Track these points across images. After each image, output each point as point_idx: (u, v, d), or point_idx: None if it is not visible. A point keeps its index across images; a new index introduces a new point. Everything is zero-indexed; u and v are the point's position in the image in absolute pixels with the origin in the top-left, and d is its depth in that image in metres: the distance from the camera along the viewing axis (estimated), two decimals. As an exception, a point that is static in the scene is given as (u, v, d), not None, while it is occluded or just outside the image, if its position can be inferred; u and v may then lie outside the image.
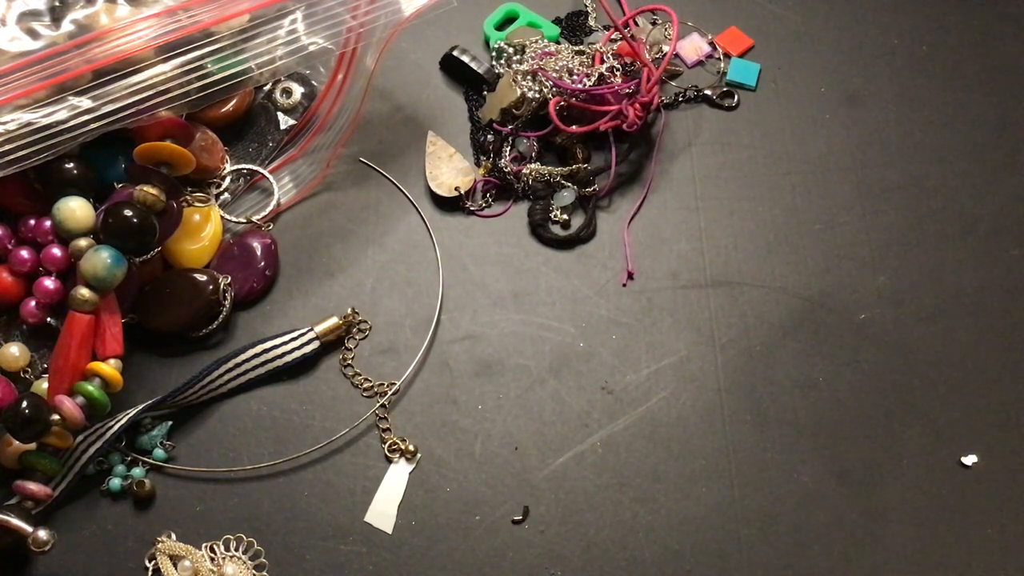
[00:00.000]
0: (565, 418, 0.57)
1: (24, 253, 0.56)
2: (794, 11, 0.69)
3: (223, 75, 0.55)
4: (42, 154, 0.51)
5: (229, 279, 0.58)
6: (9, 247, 0.56)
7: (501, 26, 0.68)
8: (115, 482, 0.54)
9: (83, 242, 0.53)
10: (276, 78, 0.63)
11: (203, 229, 0.59)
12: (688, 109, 0.66)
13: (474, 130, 0.65)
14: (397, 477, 0.55)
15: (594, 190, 0.63)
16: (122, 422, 0.54)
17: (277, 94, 0.64)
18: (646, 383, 0.58)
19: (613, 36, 0.65)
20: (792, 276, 0.61)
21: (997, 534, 0.54)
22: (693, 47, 0.68)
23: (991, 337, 0.59)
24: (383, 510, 0.54)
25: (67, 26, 0.54)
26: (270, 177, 0.62)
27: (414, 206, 0.63)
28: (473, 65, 0.65)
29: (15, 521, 0.50)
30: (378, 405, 0.57)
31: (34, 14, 0.55)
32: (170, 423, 0.56)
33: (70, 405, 0.51)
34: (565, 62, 0.63)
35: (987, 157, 0.64)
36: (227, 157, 0.62)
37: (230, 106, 0.61)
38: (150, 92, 0.53)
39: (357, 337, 0.59)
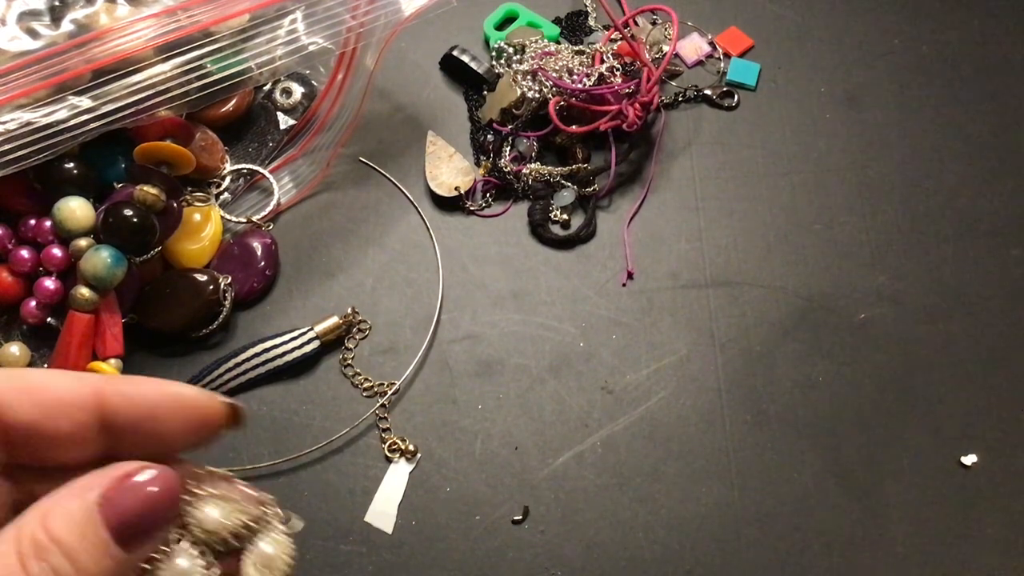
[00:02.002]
0: (565, 418, 0.57)
1: (24, 253, 0.56)
2: (794, 11, 0.69)
3: (223, 75, 0.55)
4: (42, 154, 0.51)
5: (229, 279, 0.58)
6: (9, 247, 0.56)
7: (501, 26, 0.68)
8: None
9: (83, 242, 0.53)
10: (276, 78, 0.63)
11: (203, 229, 0.59)
12: (688, 109, 0.66)
13: (474, 130, 0.65)
14: (397, 477, 0.55)
15: (594, 190, 0.63)
16: (122, 422, 0.54)
17: (277, 94, 0.64)
18: (646, 383, 0.58)
19: (613, 36, 0.65)
20: (792, 276, 0.61)
21: (997, 534, 0.54)
22: (693, 47, 0.68)
23: (991, 337, 0.59)
24: (383, 510, 0.54)
25: (67, 26, 0.54)
26: (270, 177, 0.62)
27: (414, 206, 0.63)
28: (473, 65, 0.65)
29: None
30: (378, 405, 0.57)
31: (34, 14, 0.55)
32: (170, 423, 0.56)
33: (70, 405, 0.51)
34: (565, 62, 0.63)
35: (987, 157, 0.64)
36: (227, 157, 0.62)
37: (230, 106, 0.61)
38: (150, 92, 0.53)
39: (357, 337, 0.59)
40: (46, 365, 0.56)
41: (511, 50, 0.65)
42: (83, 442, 0.29)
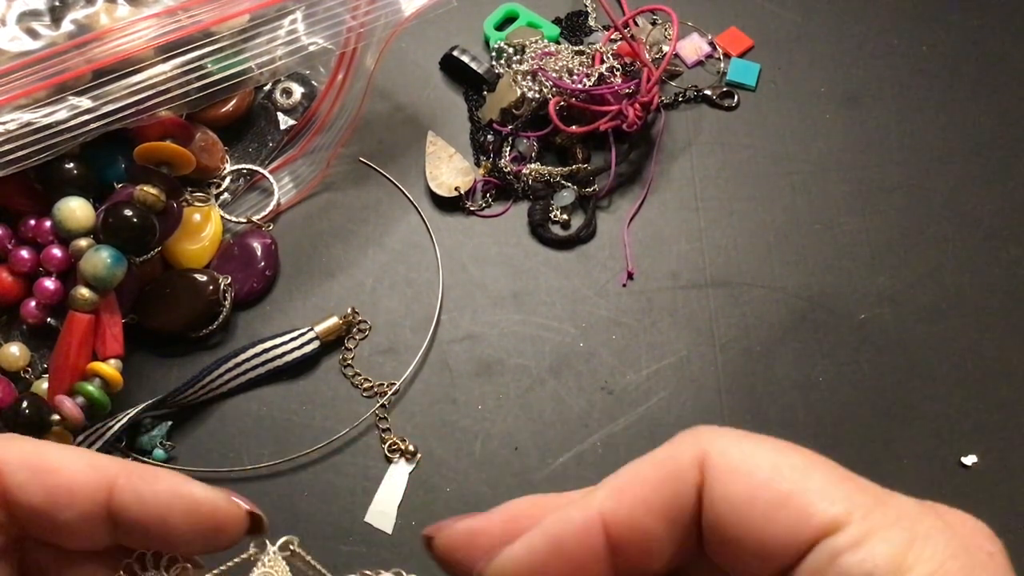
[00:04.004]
0: (565, 418, 0.57)
1: (24, 253, 0.56)
2: (794, 11, 0.69)
3: (223, 75, 0.55)
4: (42, 154, 0.51)
5: (229, 279, 0.58)
6: (9, 247, 0.56)
7: (501, 26, 0.68)
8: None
9: (83, 242, 0.53)
10: (276, 78, 0.63)
11: (203, 229, 0.59)
12: (688, 109, 0.66)
13: (474, 130, 0.65)
14: (397, 477, 0.55)
15: (594, 190, 0.63)
16: (122, 422, 0.54)
17: (277, 94, 0.64)
18: (646, 383, 0.58)
19: (613, 36, 0.65)
20: (792, 276, 0.61)
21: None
22: (693, 47, 0.68)
23: (991, 337, 0.59)
24: (383, 510, 0.54)
25: (67, 26, 0.54)
26: (270, 177, 0.62)
27: (414, 206, 0.63)
28: (473, 65, 0.65)
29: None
30: (378, 405, 0.57)
31: (34, 14, 0.55)
32: (170, 423, 0.56)
33: (70, 405, 0.51)
34: (565, 62, 0.63)
35: (987, 157, 0.64)
36: (227, 157, 0.62)
37: (230, 106, 0.61)
38: (150, 92, 0.53)
39: (357, 337, 0.59)
40: (46, 365, 0.56)
41: (511, 50, 0.65)
42: (89, 533, 0.27)
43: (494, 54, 0.66)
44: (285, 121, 0.63)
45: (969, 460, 0.56)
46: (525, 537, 0.26)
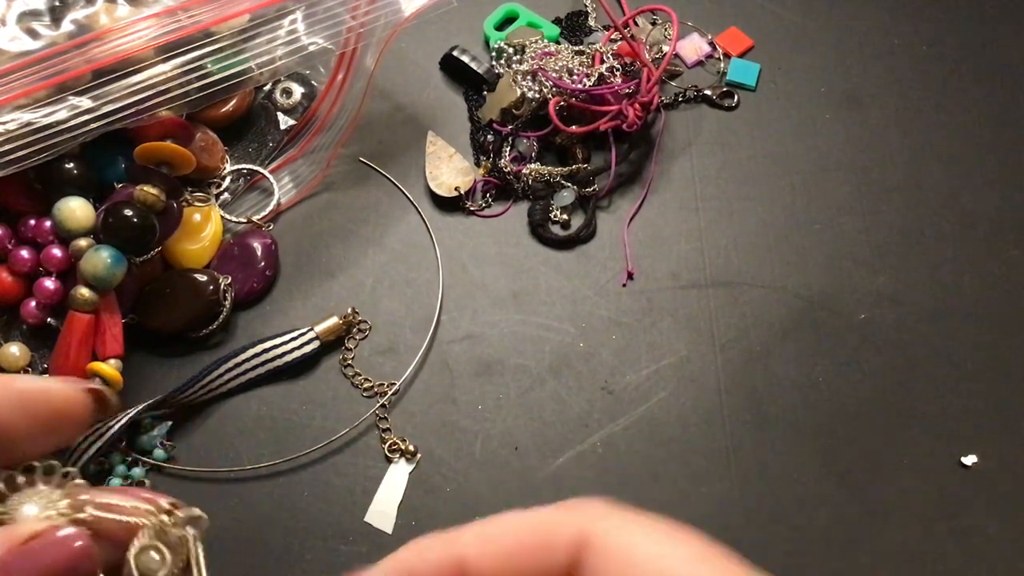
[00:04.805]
0: (565, 418, 0.57)
1: (24, 253, 0.56)
2: (794, 11, 0.69)
3: (223, 75, 0.55)
4: (42, 154, 0.51)
5: (229, 279, 0.58)
6: (9, 247, 0.56)
7: (501, 26, 0.68)
8: (115, 482, 0.54)
9: (83, 242, 0.53)
10: (276, 78, 0.63)
11: (203, 229, 0.59)
12: (688, 109, 0.66)
13: (474, 130, 0.65)
14: (397, 477, 0.55)
15: (594, 190, 0.63)
16: (122, 422, 0.54)
17: (277, 94, 0.64)
18: (646, 383, 0.58)
19: (613, 36, 0.65)
20: (792, 276, 0.61)
21: (997, 534, 0.54)
22: (693, 47, 0.68)
23: (991, 337, 0.59)
24: (383, 510, 0.54)
25: (67, 26, 0.54)
26: (270, 177, 0.62)
27: (414, 206, 0.63)
28: (473, 65, 0.65)
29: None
30: (378, 405, 0.57)
31: (34, 14, 0.55)
32: (170, 423, 0.56)
33: (70, 405, 0.51)
34: (565, 62, 0.63)
35: (987, 157, 0.64)
36: (227, 157, 0.62)
37: (230, 106, 0.61)
38: (150, 92, 0.53)
39: (357, 337, 0.59)
40: (46, 365, 0.56)
41: (511, 50, 0.65)
42: None
43: (494, 54, 0.66)
44: (285, 121, 0.63)
45: (969, 460, 0.56)
46: (379, 568, 0.25)
